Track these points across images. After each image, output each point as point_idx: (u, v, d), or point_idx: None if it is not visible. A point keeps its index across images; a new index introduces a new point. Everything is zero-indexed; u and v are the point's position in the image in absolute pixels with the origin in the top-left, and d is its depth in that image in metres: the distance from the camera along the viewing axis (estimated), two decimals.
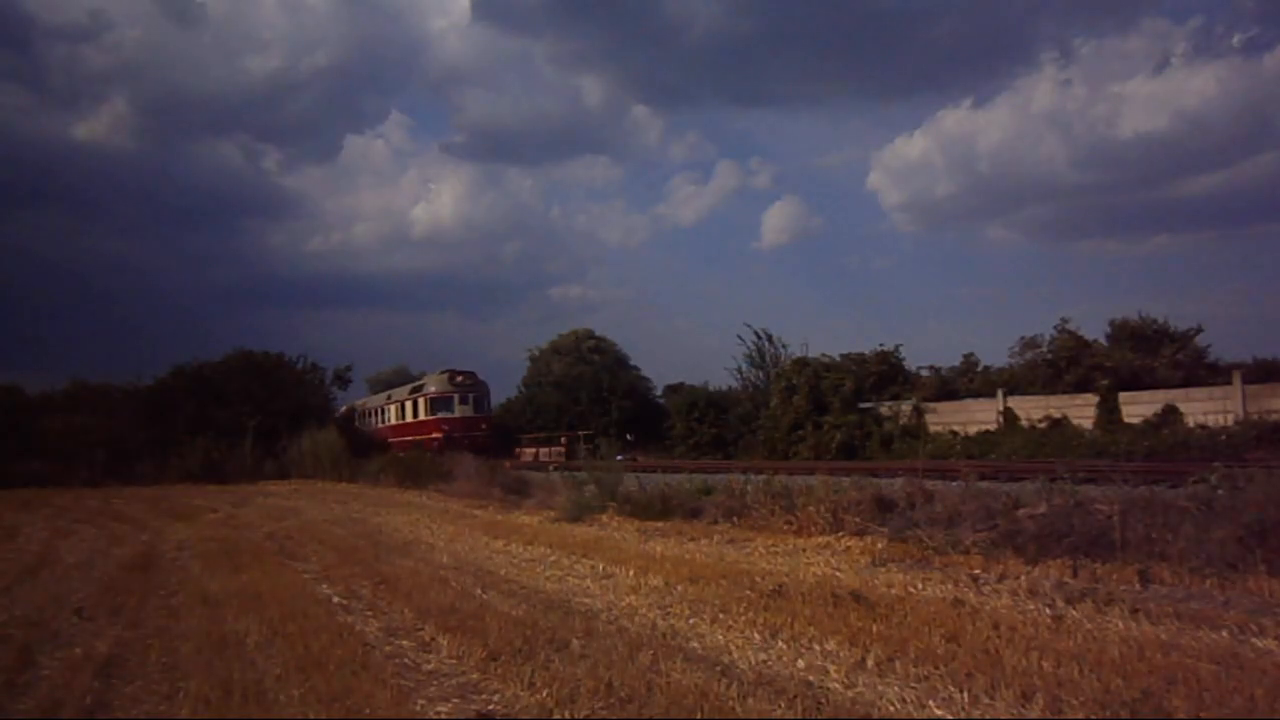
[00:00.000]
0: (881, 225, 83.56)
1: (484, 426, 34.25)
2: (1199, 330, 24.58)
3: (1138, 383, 22.61)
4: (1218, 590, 6.16)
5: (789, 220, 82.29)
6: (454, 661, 5.43)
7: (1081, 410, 22.49)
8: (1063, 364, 24.45)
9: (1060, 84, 67.83)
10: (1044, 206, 71.30)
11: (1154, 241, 73.18)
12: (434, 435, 32.79)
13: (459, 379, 34.59)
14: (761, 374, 32.67)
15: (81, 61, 74.38)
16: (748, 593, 6.83)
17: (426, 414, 34.08)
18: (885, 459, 22.07)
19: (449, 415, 33.51)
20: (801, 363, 28.01)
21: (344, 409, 41.62)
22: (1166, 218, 68.97)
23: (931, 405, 25.83)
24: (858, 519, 9.36)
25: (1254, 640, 4.97)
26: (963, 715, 4.06)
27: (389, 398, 39.74)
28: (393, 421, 37.79)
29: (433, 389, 34.62)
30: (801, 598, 6.52)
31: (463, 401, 34.06)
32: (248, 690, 4.90)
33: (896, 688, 4.44)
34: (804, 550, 8.73)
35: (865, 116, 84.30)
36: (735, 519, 10.82)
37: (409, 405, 36.40)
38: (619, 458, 21.44)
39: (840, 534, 9.17)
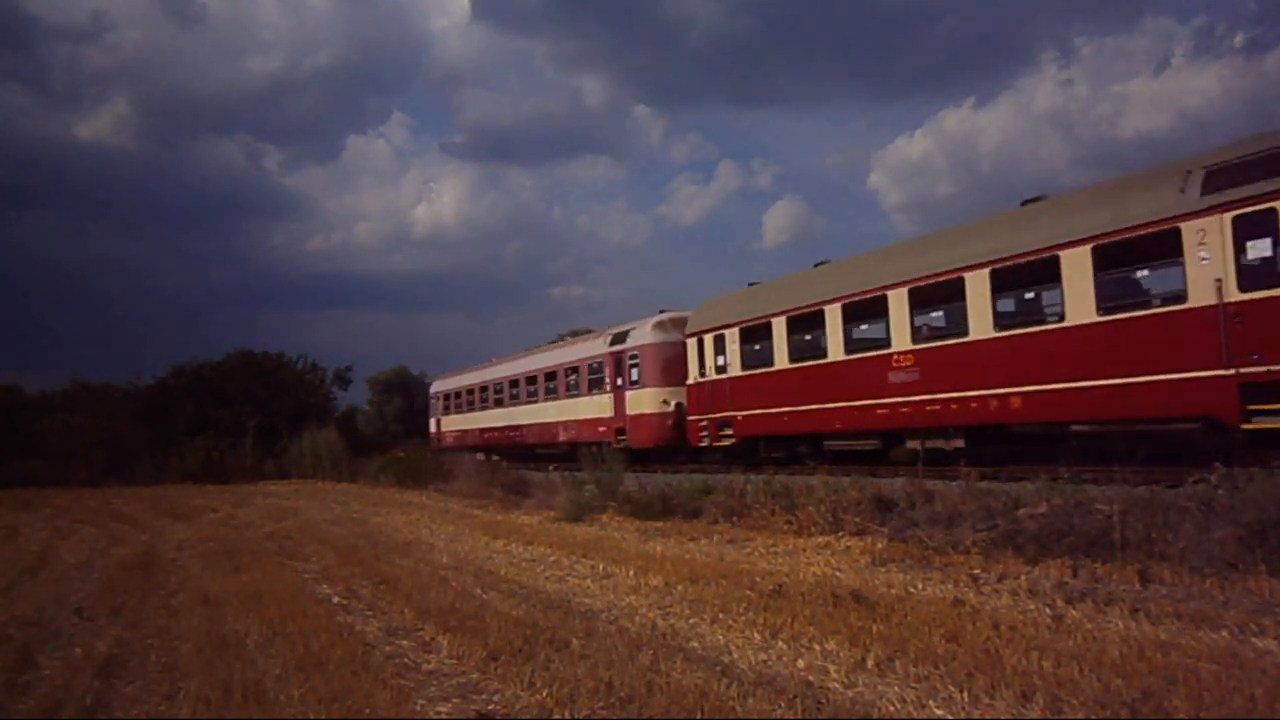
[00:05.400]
0: (882, 225, 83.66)
1: None
2: None
3: None
4: (1218, 590, 6.14)
5: (790, 220, 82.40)
6: (454, 661, 5.43)
7: None
8: None
9: (1061, 84, 67.90)
10: None
11: None
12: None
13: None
14: None
15: (83, 62, 74.56)
16: (747, 593, 6.83)
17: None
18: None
19: None
20: None
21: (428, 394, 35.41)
22: None
23: None
24: (858, 519, 9.36)
25: (1254, 640, 4.96)
26: (963, 715, 4.06)
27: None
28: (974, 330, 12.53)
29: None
30: (801, 598, 6.52)
31: None
32: (248, 690, 4.91)
33: (896, 688, 4.44)
34: (804, 550, 8.73)
35: (866, 116, 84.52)
36: (735, 519, 10.82)
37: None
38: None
39: (840, 534, 9.16)
